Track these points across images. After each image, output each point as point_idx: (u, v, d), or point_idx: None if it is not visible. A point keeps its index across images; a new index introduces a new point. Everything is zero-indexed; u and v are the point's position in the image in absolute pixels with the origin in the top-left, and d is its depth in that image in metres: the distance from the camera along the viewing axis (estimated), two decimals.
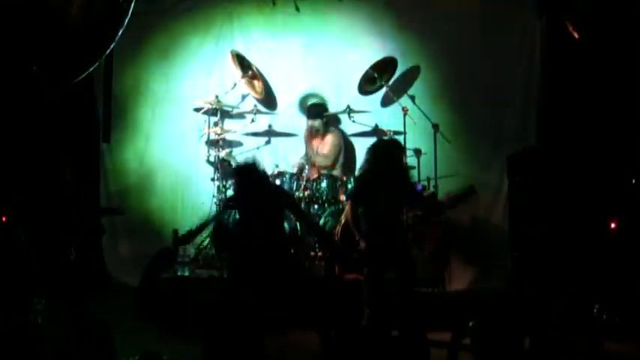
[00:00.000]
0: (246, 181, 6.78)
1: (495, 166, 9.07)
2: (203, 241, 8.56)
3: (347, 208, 7.11)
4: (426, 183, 8.74)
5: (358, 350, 5.27)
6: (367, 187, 6.92)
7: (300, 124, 9.42)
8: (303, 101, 9.53)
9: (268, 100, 9.45)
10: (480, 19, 9.22)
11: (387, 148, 7.05)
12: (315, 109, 9.16)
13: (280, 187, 8.33)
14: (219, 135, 9.02)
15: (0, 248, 6.69)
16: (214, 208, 8.81)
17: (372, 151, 7.01)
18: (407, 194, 6.94)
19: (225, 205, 7.57)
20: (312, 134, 9.18)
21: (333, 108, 9.28)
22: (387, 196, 6.77)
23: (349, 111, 8.91)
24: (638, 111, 8.34)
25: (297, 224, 8.20)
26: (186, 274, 8.19)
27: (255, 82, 9.29)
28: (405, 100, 9.03)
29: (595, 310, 7.00)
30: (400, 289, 6.78)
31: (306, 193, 8.57)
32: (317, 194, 8.62)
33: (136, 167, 9.56)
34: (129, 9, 6.90)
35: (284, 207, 6.94)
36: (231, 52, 9.31)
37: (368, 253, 6.83)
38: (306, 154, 9.18)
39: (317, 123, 9.06)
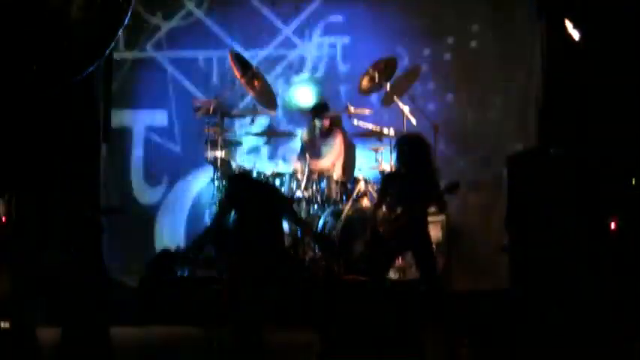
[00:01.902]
0: (241, 190, 6.83)
1: (495, 167, 9.07)
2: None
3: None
4: None
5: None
6: (393, 184, 7.01)
7: (300, 124, 9.42)
8: (303, 101, 9.53)
9: (268, 100, 9.45)
10: (480, 19, 9.23)
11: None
12: (319, 108, 9.14)
13: (278, 190, 8.32)
14: (219, 135, 9.01)
15: (1, 249, 6.70)
16: (214, 208, 8.81)
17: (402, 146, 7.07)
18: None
19: (221, 207, 7.59)
20: (314, 134, 9.17)
21: (332, 108, 9.26)
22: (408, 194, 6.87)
23: (349, 111, 8.90)
24: (638, 111, 8.33)
25: None
26: (186, 274, 8.19)
27: (255, 82, 9.28)
28: (404, 100, 9.03)
29: (594, 310, 7.01)
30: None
31: (305, 193, 8.57)
32: (317, 194, 8.62)
33: (135, 167, 9.56)
34: (129, 9, 6.90)
35: (281, 211, 6.95)
36: (231, 51, 9.30)
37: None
38: (305, 154, 9.16)
39: (325, 122, 9.06)
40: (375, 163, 8.95)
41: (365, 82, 9.05)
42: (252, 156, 9.23)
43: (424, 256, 7.04)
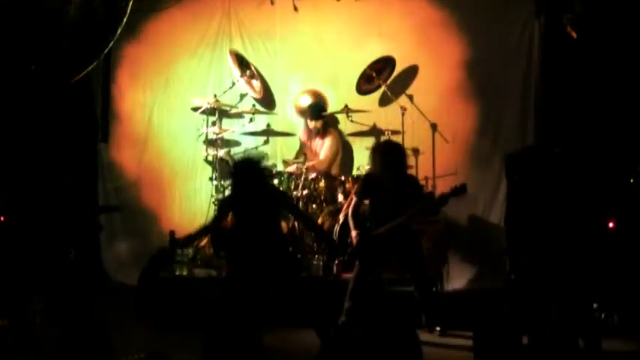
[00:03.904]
0: (244, 177, 6.78)
1: (494, 166, 9.05)
2: (201, 241, 8.55)
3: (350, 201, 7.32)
4: (424, 182, 8.74)
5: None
6: (372, 186, 7.14)
7: (299, 123, 9.42)
8: (301, 101, 9.53)
9: (266, 100, 9.45)
10: (478, 19, 9.21)
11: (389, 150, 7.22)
12: (315, 108, 9.14)
13: (277, 187, 8.32)
14: (217, 134, 9.01)
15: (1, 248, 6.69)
16: (213, 207, 8.81)
17: (375, 152, 7.26)
18: (410, 195, 7.09)
19: (221, 206, 7.58)
20: (311, 134, 9.17)
21: (331, 108, 9.27)
22: (390, 196, 6.92)
23: (347, 110, 8.89)
24: (637, 109, 8.34)
25: (296, 223, 8.20)
26: (185, 274, 8.19)
27: (254, 82, 9.28)
28: (403, 100, 9.03)
29: (594, 310, 7.01)
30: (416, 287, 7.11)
31: (304, 192, 8.57)
32: (315, 194, 8.62)
33: (133, 166, 9.56)
34: (127, 8, 6.90)
35: (281, 206, 6.94)
36: (230, 51, 9.30)
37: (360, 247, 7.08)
38: (303, 154, 9.16)
39: (318, 124, 9.06)
40: None
41: (363, 82, 9.05)
42: None
43: (413, 258, 7.08)
